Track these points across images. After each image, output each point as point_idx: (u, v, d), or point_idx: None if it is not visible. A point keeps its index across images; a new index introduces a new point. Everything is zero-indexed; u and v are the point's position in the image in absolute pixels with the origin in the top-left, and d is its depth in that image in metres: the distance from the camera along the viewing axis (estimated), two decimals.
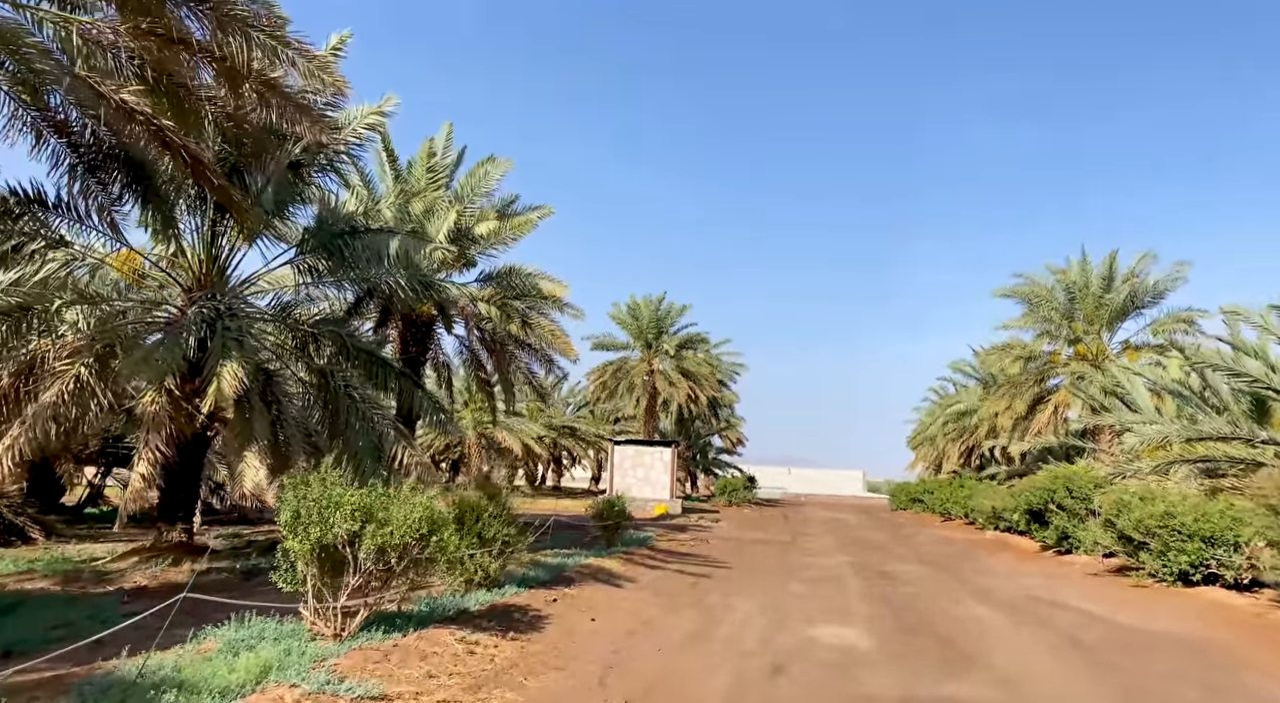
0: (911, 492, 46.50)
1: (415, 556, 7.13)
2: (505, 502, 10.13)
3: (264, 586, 8.55)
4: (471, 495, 9.95)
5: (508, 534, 9.90)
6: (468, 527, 9.72)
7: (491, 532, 9.71)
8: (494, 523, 9.78)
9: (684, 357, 44.86)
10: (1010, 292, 31.18)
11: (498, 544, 9.74)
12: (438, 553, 7.16)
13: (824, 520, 35.76)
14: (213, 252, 13.39)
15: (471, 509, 9.82)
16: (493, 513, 9.85)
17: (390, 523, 6.82)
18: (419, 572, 7.27)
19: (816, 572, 16.07)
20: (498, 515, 9.88)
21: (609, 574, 12.83)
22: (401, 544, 6.87)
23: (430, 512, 7.16)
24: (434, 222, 18.88)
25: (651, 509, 33.02)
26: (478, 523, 9.76)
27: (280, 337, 13.85)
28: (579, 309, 20.79)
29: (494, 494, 10.00)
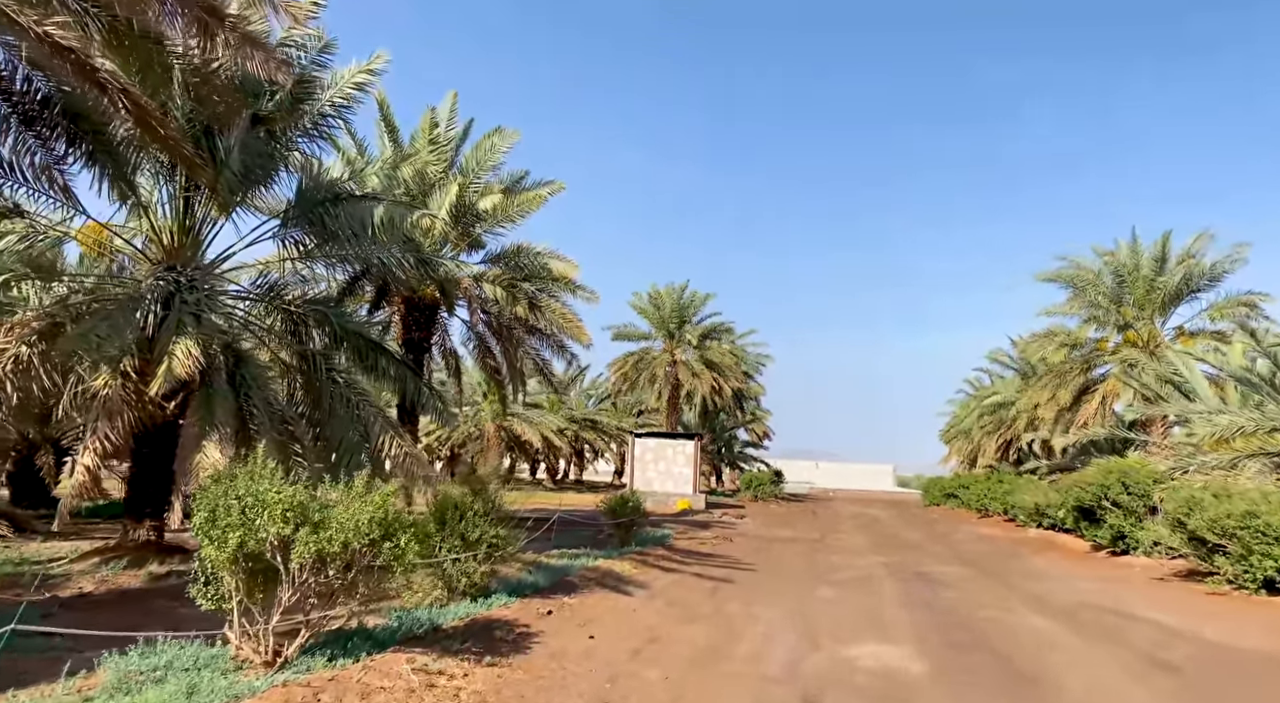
0: (946, 487, 44.72)
1: (367, 564, 5.86)
2: (493, 498, 8.84)
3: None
4: (455, 491, 8.68)
5: (496, 535, 8.62)
6: (450, 527, 8.46)
7: (476, 533, 8.43)
8: (479, 523, 8.51)
9: (708, 347, 43.41)
10: (1053, 275, 29.37)
11: (483, 547, 8.47)
12: (394, 561, 5.88)
13: (854, 517, 34.20)
14: (185, 223, 12.23)
15: (454, 507, 8.56)
16: (479, 511, 8.57)
17: (330, 526, 5.54)
18: (372, 584, 6.00)
19: (848, 574, 14.64)
20: (485, 513, 8.60)
21: (617, 579, 11.52)
22: (346, 552, 5.60)
23: (384, 512, 5.88)
24: (435, 196, 17.69)
25: (673, 504, 31.70)
26: (461, 522, 8.49)
27: (261, 317, 12.71)
28: (592, 292, 19.49)
29: (480, 489, 8.72)
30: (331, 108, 13.13)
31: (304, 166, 12.80)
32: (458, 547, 8.42)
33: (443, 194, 17.41)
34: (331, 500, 6.07)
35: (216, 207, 12.49)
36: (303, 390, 12.30)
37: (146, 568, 10.77)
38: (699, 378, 41.33)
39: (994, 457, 42.22)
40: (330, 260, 13.68)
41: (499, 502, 8.90)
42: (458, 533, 8.39)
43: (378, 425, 11.84)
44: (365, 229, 12.36)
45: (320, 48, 12.72)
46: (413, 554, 5.98)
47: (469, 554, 8.41)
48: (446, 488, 8.71)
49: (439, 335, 21.29)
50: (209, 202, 12.35)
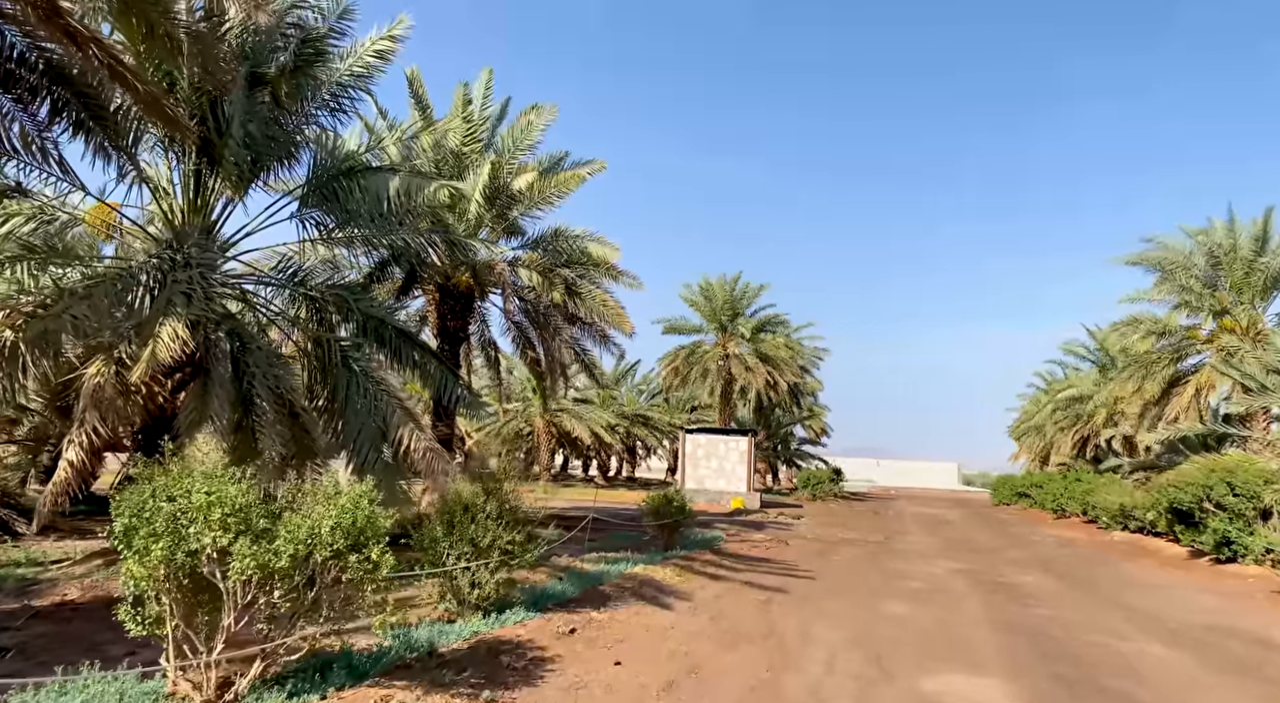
0: (1017, 485, 42.35)
1: (334, 579, 4.77)
2: (507, 497, 7.71)
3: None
4: (467, 489, 7.58)
5: (511, 541, 7.49)
6: (458, 531, 7.36)
7: (487, 538, 7.31)
8: (491, 526, 7.39)
9: (762, 340, 41.81)
10: (1138, 258, 27.07)
11: (495, 554, 7.34)
12: (363, 577, 4.78)
13: (920, 517, 32.33)
14: (196, 203, 11.43)
15: (463, 508, 7.46)
16: (491, 513, 7.45)
17: (278, 535, 4.46)
18: (338, 604, 4.90)
19: (920, 583, 13.15)
20: (498, 516, 7.48)
21: (657, 588, 10.30)
22: (301, 566, 4.51)
23: (354, 517, 4.78)
24: (469, 178, 16.71)
25: (726, 503, 30.36)
26: (471, 526, 7.38)
27: (272, 300, 11.85)
28: (635, 277, 18.27)
29: (493, 488, 7.61)
30: (350, 77, 12.19)
31: (319, 140, 11.88)
32: (468, 554, 7.31)
33: (476, 175, 16.42)
34: (295, 503, 5.00)
35: (230, 185, 11.72)
36: (319, 379, 11.39)
37: None
38: (753, 372, 39.79)
39: (1069, 454, 39.73)
40: (352, 243, 12.76)
41: (516, 502, 7.77)
42: (467, 538, 7.28)
43: (396, 417, 10.84)
44: (381, 204, 11.39)
45: (339, 13, 11.82)
46: (388, 568, 4.85)
47: (481, 562, 7.30)
48: (458, 486, 7.62)
49: (478, 326, 20.40)
50: (221, 180, 11.58)
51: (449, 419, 17.54)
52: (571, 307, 17.75)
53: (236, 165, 10.37)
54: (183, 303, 8.35)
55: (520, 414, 43.41)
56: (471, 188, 16.51)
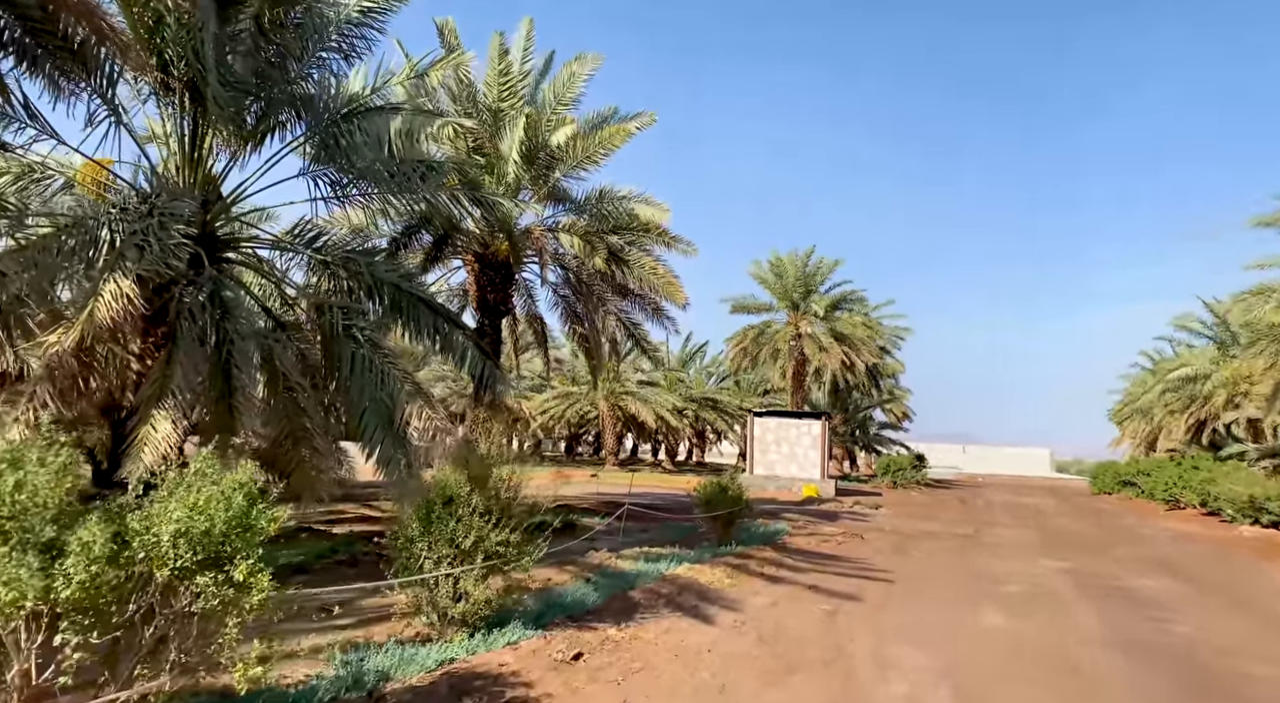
0: (1120, 473, 38.89)
1: (185, 609, 3.36)
2: (501, 488, 6.21)
3: None
4: (451, 479, 6.13)
5: (503, 542, 6.01)
6: (435, 531, 5.92)
7: (469, 539, 5.85)
8: (475, 524, 5.92)
9: (836, 318, 39.42)
10: (1272, 219, 23.80)
11: (479, 558, 5.87)
12: (221, 604, 3.37)
13: (1011, 506, 29.71)
14: (193, 157, 10.34)
15: (444, 502, 6.01)
16: (477, 508, 5.98)
17: (71, 547, 3.05)
18: (186, 646, 3.48)
19: (1018, 586, 11.18)
20: (485, 511, 6.01)
21: (699, 594, 8.69)
22: (110, 594, 3.11)
23: (213, 517, 3.36)
24: (505, 138, 15.30)
25: (797, 491, 28.44)
26: (452, 523, 5.93)
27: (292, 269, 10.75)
28: (689, 243, 16.52)
29: (482, 478, 6.14)
30: (360, 13, 10.90)
31: (322, 84, 10.59)
32: (449, 558, 5.87)
33: (512, 133, 15.01)
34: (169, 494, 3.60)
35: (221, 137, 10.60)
36: (320, 351, 10.19)
37: None
38: (827, 352, 37.48)
39: (1181, 439, 36.13)
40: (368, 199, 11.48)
41: (514, 494, 6.27)
42: (445, 538, 5.84)
43: (403, 393, 9.53)
44: (381, 146, 10.06)
45: None
46: (262, 593, 3.42)
47: (465, 568, 5.85)
48: (443, 475, 6.19)
49: (524, 300, 19.11)
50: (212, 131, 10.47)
51: (491, 401, 16.27)
52: (619, 276, 16.19)
53: (219, 106, 9.14)
54: (135, 257, 7.17)
55: (584, 396, 42.24)
56: (508, 147, 15.11)
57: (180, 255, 7.61)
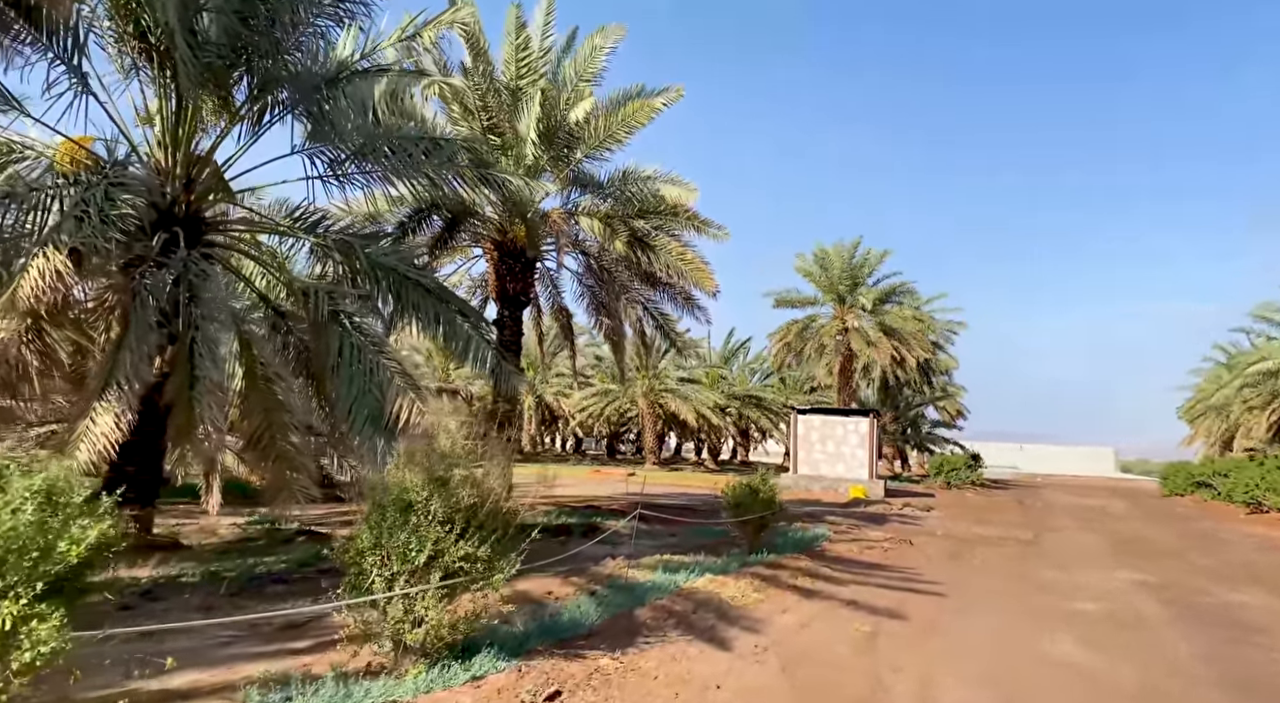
0: (1194, 473, 36.37)
1: None
2: (459, 491, 5.20)
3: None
4: (412, 480, 5.17)
5: (468, 555, 5.03)
6: (386, 543, 4.96)
7: (423, 554, 4.87)
8: (433, 534, 4.95)
9: (885, 312, 37.81)
10: None
11: (435, 574, 4.90)
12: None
13: (1074, 509, 27.82)
14: (178, 134, 9.64)
15: (404, 508, 5.05)
16: (436, 516, 5.01)
17: None
18: None
19: (1092, 603, 9.83)
20: (448, 519, 5.03)
21: (718, 612, 7.59)
22: None
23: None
24: (523, 117, 14.40)
25: (844, 492, 27.04)
26: (407, 534, 4.96)
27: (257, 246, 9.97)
28: (720, 227, 15.41)
29: (441, 479, 5.15)
30: None
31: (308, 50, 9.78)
32: (403, 574, 4.91)
33: (528, 110, 14.10)
34: None
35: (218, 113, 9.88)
36: (310, 338, 9.41)
37: (110, 572, 8.25)
38: (875, 347, 35.91)
39: (1263, 437, 33.62)
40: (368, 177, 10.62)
41: (483, 498, 5.28)
42: (398, 553, 4.88)
43: (394, 385, 8.65)
44: (366, 112, 9.22)
45: None
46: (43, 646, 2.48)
47: (421, 587, 4.88)
48: (399, 475, 5.23)
49: (549, 291, 18.22)
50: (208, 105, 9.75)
51: (510, 395, 15.39)
52: (645, 262, 15.16)
53: (191, 74, 8.37)
54: (71, 229, 6.39)
55: (623, 394, 41.29)
56: (526, 127, 14.23)
57: (124, 227, 6.83)
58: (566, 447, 60.36)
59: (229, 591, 7.34)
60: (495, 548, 5.22)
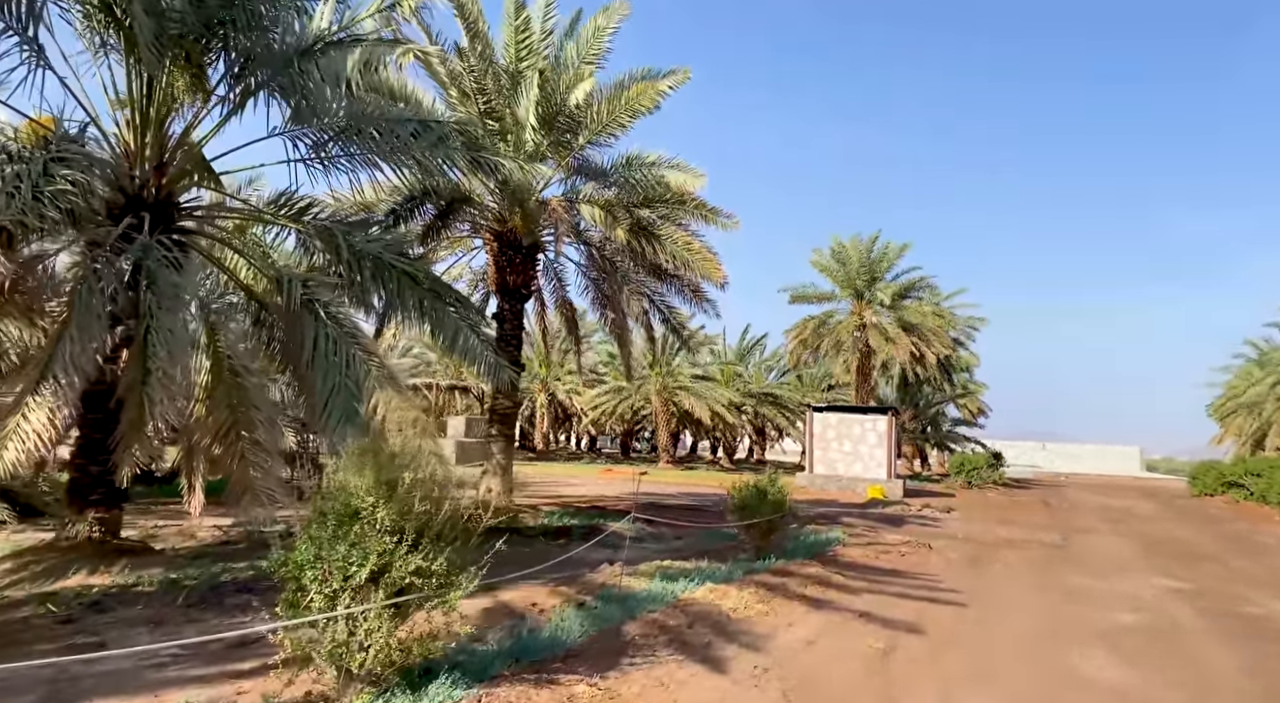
0: (1225, 473, 35.20)
1: None
2: (409, 498, 4.56)
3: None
4: (360, 484, 4.56)
5: (419, 570, 4.42)
6: (326, 555, 4.36)
7: (364, 569, 4.27)
8: (378, 546, 4.34)
9: (904, 307, 36.92)
10: None
11: (379, 594, 4.29)
12: None
13: (1101, 510, 26.88)
14: (149, 114, 9.11)
15: (344, 518, 4.45)
16: (383, 524, 4.40)
17: None
18: None
19: (1128, 614, 9.08)
20: (396, 529, 4.43)
21: (716, 626, 6.94)
22: None
23: None
24: (522, 101, 13.81)
25: (861, 492, 26.27)
26: (347, 547, 4.36)
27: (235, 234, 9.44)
28: (730, 215, 14.73)
29: (389, 483, 4.52)
30: None
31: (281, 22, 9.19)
32: (346, 591, 4.31)
33: (527, 93, 13.51)
34: None
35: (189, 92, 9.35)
36: (282, 329, 8.86)
37: (68, 579, 7.75)
38: (894, 344, 35.04)
39: None
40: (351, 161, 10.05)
41: (437, 501, 4.66)
42: (339, 567, 4.28)
43: (371, 379, 8.08)
44: (345, 88, 8.66)
45: None
46: None
47: (363, 607, 4.28)
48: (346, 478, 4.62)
49: (553, 284, 17.63)
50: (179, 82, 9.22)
51: (510, 391, 14.83)
52: (650, 253, 14.52)
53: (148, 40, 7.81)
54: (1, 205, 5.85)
55: (636, 391, 40.66)
56: (525, 111, 13.64)
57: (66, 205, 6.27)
58: (581, 445, 59.86)
59: (186, 601, 6.79)
60: (455, 560, 4.60)
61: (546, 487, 22.65)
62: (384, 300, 9.43)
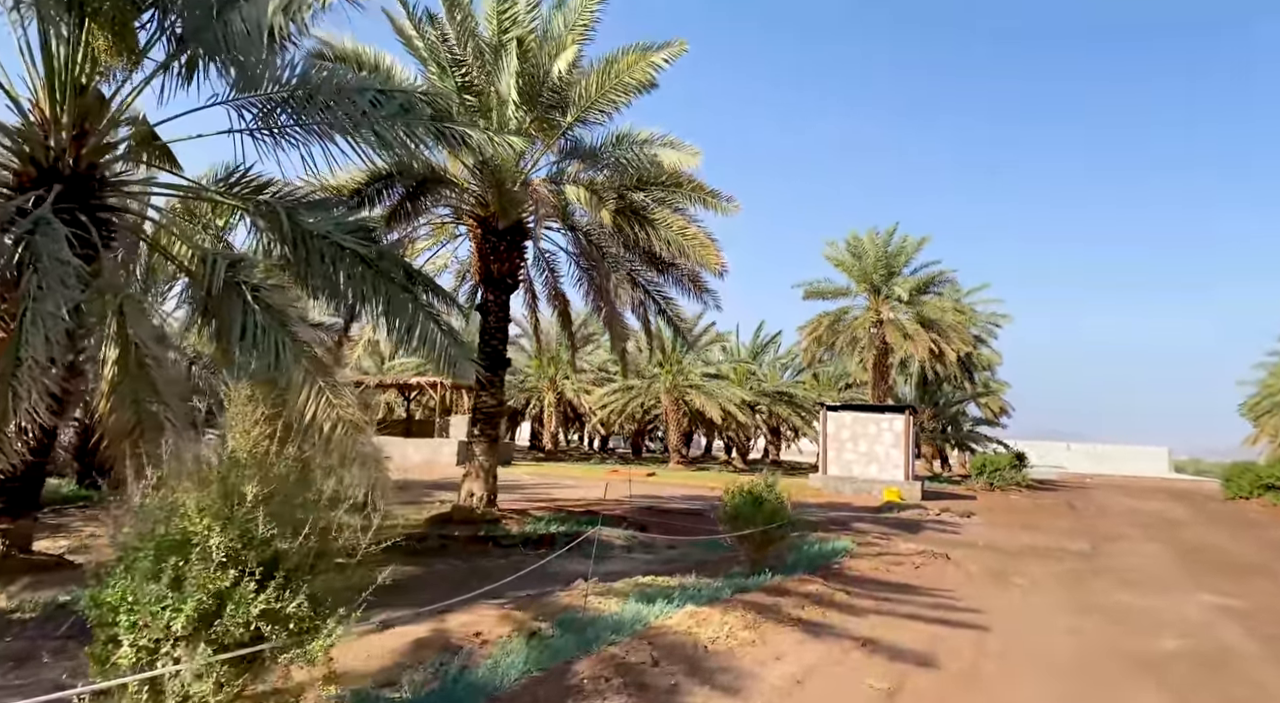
0: (1262, 475, 33.59)
1: None
2: (255, 519, 3.52)
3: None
4: (194, 504, 3.53)
5: (268, 612, 3.39)
6: (136, 599, 3.34)
7: (180, 613, 3.24)
8: (206, 582, 3.32)
9: (923, 303, 35.55)
10: None
11: (200, 648, 3.27)
12: None
13: (1131, 514, 25.46)
14: (64, 75, 8.18)
15: (172, 548, 3.43)
16: (222, 554, 3.38)
17: None
18: None
19: (1174, 640, 7.93)
20: (234, 560, 3.40)
21: (688, 663, 5.85)
22: None
23: None
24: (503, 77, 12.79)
25: (877, 495, 25.07)
26: (162, 584, 3.34)
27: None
28: (730, 198, 13.62)
29: (228, 500, 3.48)
30: None
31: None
32: (170, 642, 3.30)
33: (507, 64, 12.50)
34: None
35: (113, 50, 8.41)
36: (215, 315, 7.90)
37: None
38: (912, 340, 33.73)
39: None
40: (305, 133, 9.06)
41: (301, 523, 3.62)
42: (152, 613, 3.26)
43: (301, 372, 7.08)
44: (261, 32, 7.68)
45: None
46: None
47: (174, 668, 3.26)
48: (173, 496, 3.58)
49: (545, 275, 16.61)
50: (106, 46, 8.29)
51: (494, 385, 13.83)
52: (643, 239, 13.46)
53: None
54: None
55: (646, 390, 39.58)
56: (506, 86, 12.62)
57: None
58: (593, 445, 58.87)
59: (69, 630, 5.81)
60: (325, 596, 3.57)
61: (543, 489, 21.65)
62: (328, 283, 8.43)
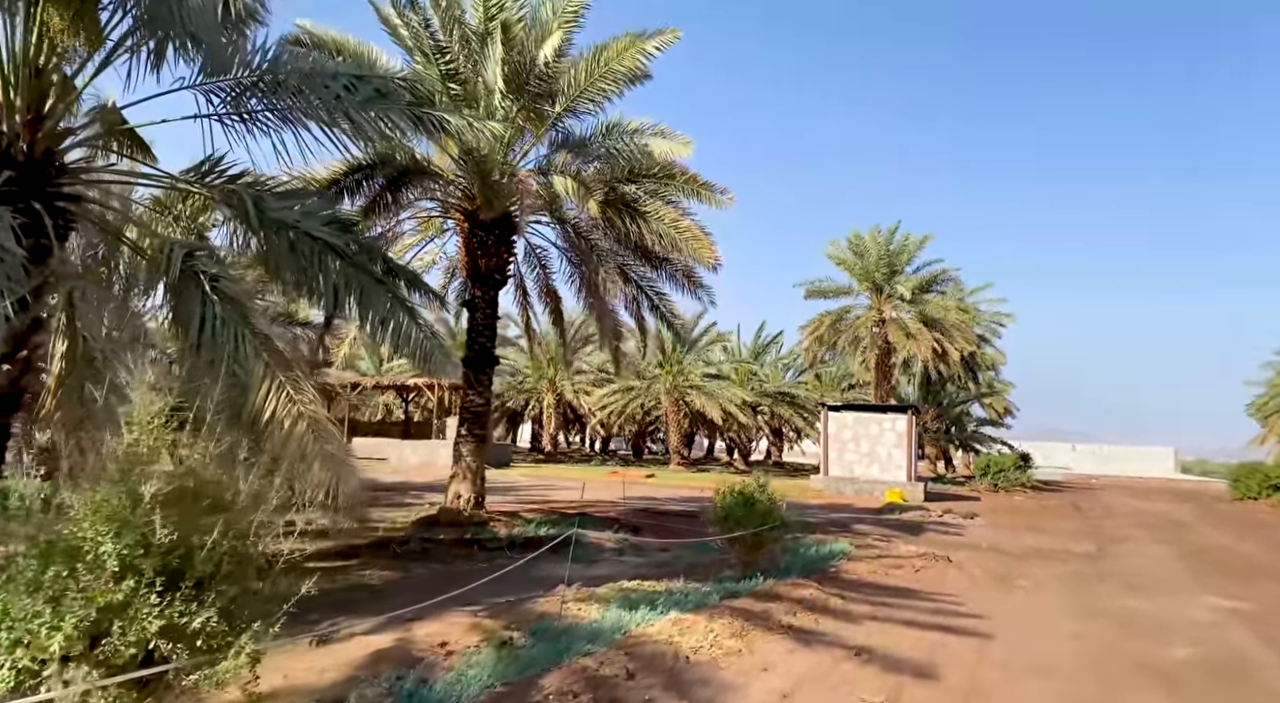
0: (1270, 475, 33.10)
1: None
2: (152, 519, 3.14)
3: None
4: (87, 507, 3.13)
5: (168, 628, 3.01)
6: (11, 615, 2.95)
7: (57, 631, 2.84)
8: (102, 596, 2.93)
9: (925, 302, 35.10)
10: None
11: (82, 668, 2.89)
12: None
13: (1138, 515, 25.00)
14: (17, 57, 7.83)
15: (57, 557, 3.03)
16: (108, 562, 2.99)
17: None
18: None
19: (1185, 647, 7.50)
20: (128, 568, 3.01)
21: (667, 675, 5.44)
22: None
23: None
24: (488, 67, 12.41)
25: (879, 496, 24.65)
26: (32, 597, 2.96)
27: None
28: (725, 190, 13.22)
29: (125, 502, 3.10)
30: None
31: None
32: (50, 660, 2.91)
33: (491, 50, 12.13)
34: None
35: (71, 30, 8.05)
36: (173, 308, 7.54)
37: None
38: (915, 340, 33.28)
39: None
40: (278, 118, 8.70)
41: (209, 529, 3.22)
42: (29, 631, 2.87)
43: (261, 365, 6.71)
44: (215, 6, 7.34)
45: None
46: None
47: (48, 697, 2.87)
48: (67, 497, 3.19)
49: (536, 271, 16.23)
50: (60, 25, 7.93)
51: (482, 384, 13.44)
52: (634, 232, 13.07)
53: None
54: None
55: (646, 390, 39.18)
56: (492, 74, 12.26)
57: None
58: (594, 447, 58.47)
59: None
60: (244, 610, 3.18)
61: (538, 490, 21.28)
62: (299, 275, 8.07)
